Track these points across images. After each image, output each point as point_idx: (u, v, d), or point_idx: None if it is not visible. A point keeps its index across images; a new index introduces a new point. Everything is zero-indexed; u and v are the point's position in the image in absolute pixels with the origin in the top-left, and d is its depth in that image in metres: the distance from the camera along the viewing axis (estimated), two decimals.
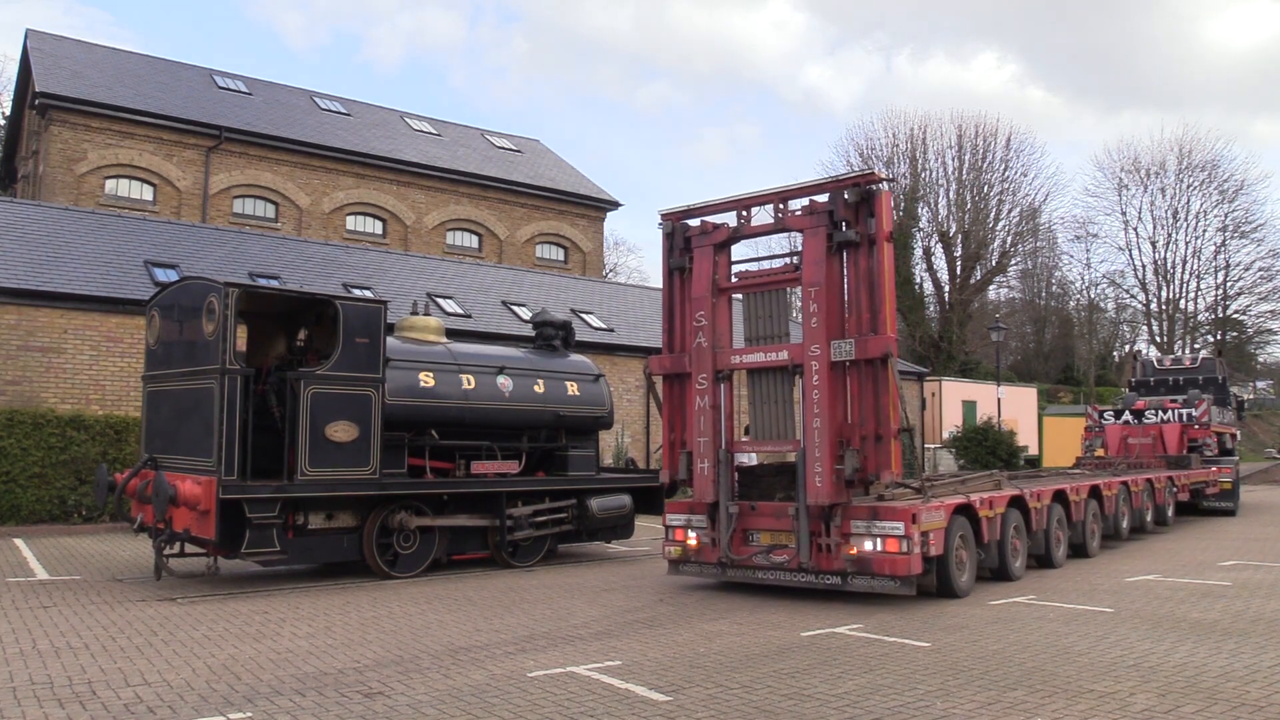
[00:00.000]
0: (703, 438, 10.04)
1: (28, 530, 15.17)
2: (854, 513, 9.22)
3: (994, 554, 10.75)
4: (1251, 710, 5.76)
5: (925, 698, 6.03)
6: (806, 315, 9.38)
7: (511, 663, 7.03)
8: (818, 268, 9.35)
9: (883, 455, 9.08)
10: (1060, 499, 12.53)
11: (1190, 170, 53.48)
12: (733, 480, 10.12)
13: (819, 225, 9.42)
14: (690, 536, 10.28)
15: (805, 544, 9.29)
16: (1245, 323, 55.34)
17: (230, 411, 9.99)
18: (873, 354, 9.09)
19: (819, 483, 9.07)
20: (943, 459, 30.33)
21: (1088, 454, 21.27)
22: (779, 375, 9.91)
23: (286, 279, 20.35)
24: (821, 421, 9.13)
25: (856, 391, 9.30)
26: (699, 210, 10.59)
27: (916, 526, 8.96)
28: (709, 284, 10.17)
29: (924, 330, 48.75)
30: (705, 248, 10.30)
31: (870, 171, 9.49)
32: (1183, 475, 18.48)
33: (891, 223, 9.33)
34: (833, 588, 9.34)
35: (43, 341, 16.78)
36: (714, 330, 10.17)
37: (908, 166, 49.97)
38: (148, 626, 8.31)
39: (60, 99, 25.44)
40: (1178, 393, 23.00)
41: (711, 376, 10.09)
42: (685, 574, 10.55)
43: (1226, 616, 8.84)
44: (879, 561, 9.02)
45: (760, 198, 10.16)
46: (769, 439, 10.01)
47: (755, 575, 9.88)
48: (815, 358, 9.27)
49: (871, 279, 9.25)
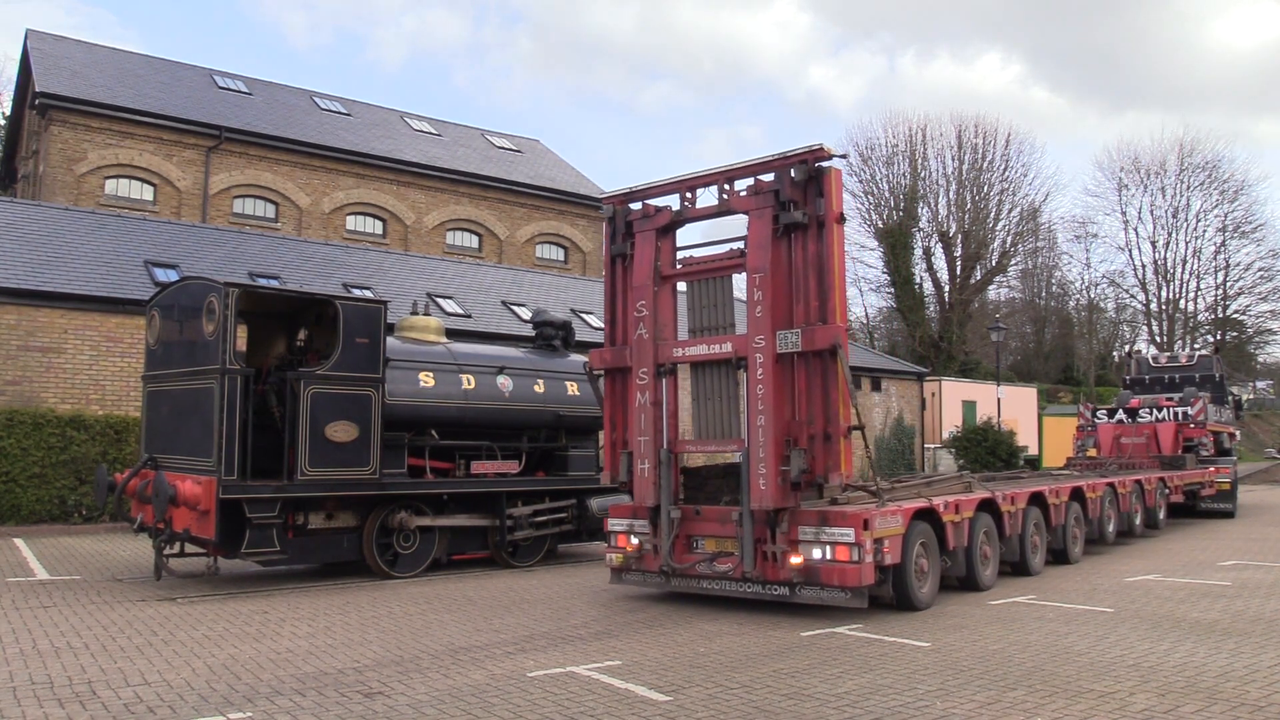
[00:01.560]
0: (643, 437, 9.34)
1: (28, 530, 15.17)
2: (802, 518, 8.54)
3: (961, 562, 10.09)
4: (1251, 710, 5.76)
5: (925, 698, 6.03)
6: (751, 304, 8.67)
7: (511, 663, 7.03)
8: (762, 252, 8.64)
9: (832, 456, 8.37)
10: (1038, 502, 11.87)
11: (1191, 170, 53.58)
12: (676, 482, 9.42)
13: (764, 206, 8.73)
14: (632, 543, 9.61)
15: (749, 552, 8.62)
16: (1245, 323, 55.38)
17: (230, 411, 9.99)
18: (820, 345, 8.37)
19: (763, 486, 8.38)
20: (943, 459, 30.33)
21: (1080, 454, 20.80)
22: (723, 369, 9.23)
23: (286, 279, 20.35)
24: (766, 419, 8.43)
25: (804, 386, 8.58)
26: (641, 193, 9.87)
27: (869, 533, 8.27)
28: (650, 271, 9.46)
29: (924, 330, 48.74)
30: (647, 232, 9.62)
31: (818, 146, 8.62)
32: (1175, 476, 17.86)
33: (841, 203, 8.65)
34: (780, 599, 8.71)
35: (43, 341, 16.78)
36: (655, 321, 9.45)
37: (908, 166, 50.00)
38: (148, 626, 8.31)
39: (60, 99, 25.44)
40: (1174, 391, 22.38)
41: (652, 371, 9.38)
42: (628, 583, 9.89)
43: (1226, 616, 8.84)
44: (827, 571, 8.31)
45: (704, 178, 9.47)
46: (713, 438, 9.33)
47: (700, 585, 9.25)
48: (760, 350, 8.56)
49: (821, 264, 8.55)
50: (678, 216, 9.59)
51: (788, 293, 8.74)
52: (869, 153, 50.79)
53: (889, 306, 52.93)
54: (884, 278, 51.08)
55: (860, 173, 51.09)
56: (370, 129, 33.39)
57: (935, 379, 36.77)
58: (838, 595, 8.37)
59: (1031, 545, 11.53)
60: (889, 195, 50.42)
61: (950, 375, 42.71)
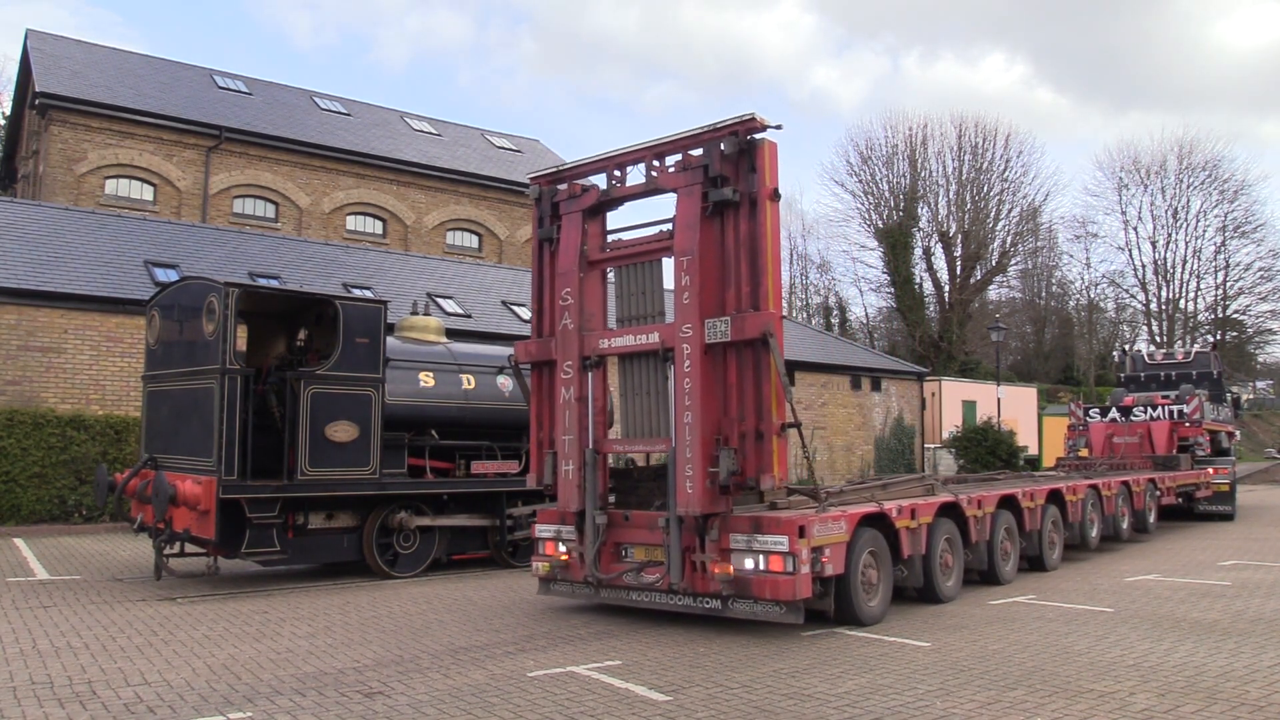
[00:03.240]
0: (567, 436, 8.61)
1: (28, 530, 15.17)
2: (734, 525, 7.81)
3: (918, 571, 9.30)
4: (1251, 710, 5.76)
5: (925, 698, 6.03)
6: (678, 290, 7.97)
7: (511, 663, 7.03)
8: (690, 233, 7.94)
9: (764, 456, 7.61)
10: (1009, 506, 11.11)
11: (1191, 170, 53.61)
12: (604, 485, 8.66)
13: (693, 183, 8.02)
14: (560, 550, 8.87)
15: (676, 561, 7.86)
16: (1245, 323, 55.39)
17: (230, 411, 9.99)
18: (751, 334, 7.63)
19: (690, 489, 7.65)
20: (943, 459, 30.34)
21: (1071, 454, 20.08)
22: (651, 361, 8.43)
23: (286, 279, 20.35)
24: (693, 415, 7.71)
25: (735, 380, 7.85)
26: (568, 172, 9.21)
27: (805, 541, 7.55)
28: (575, 256, 8.76)
29: (924, 330, 48.76)
30: (573, 214, 8.92)
31: (749, 116, 7.86)
32: (1167, 477, 16.99)
33: (776, 178, 7.92)
34: (712, 613, 8.03)
35: (43, 341, 16.78)
36: (580, 310, 8.74)
37: (908, 166, 50.02)
38: (148, 626, 8.31)
39: (60, 99, 25.43)
40: (1170, 388, 21.51)
41: (577, 364, 8.65)
42: (556, 594, 9.14)
43: (1226, 616, 8.84)
44: (759, 583, 7.57)
45: (633, 154, 8.71)
46: (641, 436, 8.52)
47: (629, 597, 8.54)
48: (686, 340, 7.83)
49: (753, 245, 7.83)
50: (605, 197, 8.88)
51: (718, 277, 8.02)
52: (869, 153, 50.89)
53: (889, 306, 52.99)
54: (884, 278, 51.17)
55: (860, 173, 51.21)
56: (370, 129, 33.39)
57: (935, 379, 36.77)
58: (771, 610, 7.68)
59: (1001, 552, 10.80)
60: (889, 195, 50.49)
61: (950, 375, 42.72)
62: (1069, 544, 12.77)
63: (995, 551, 10.65)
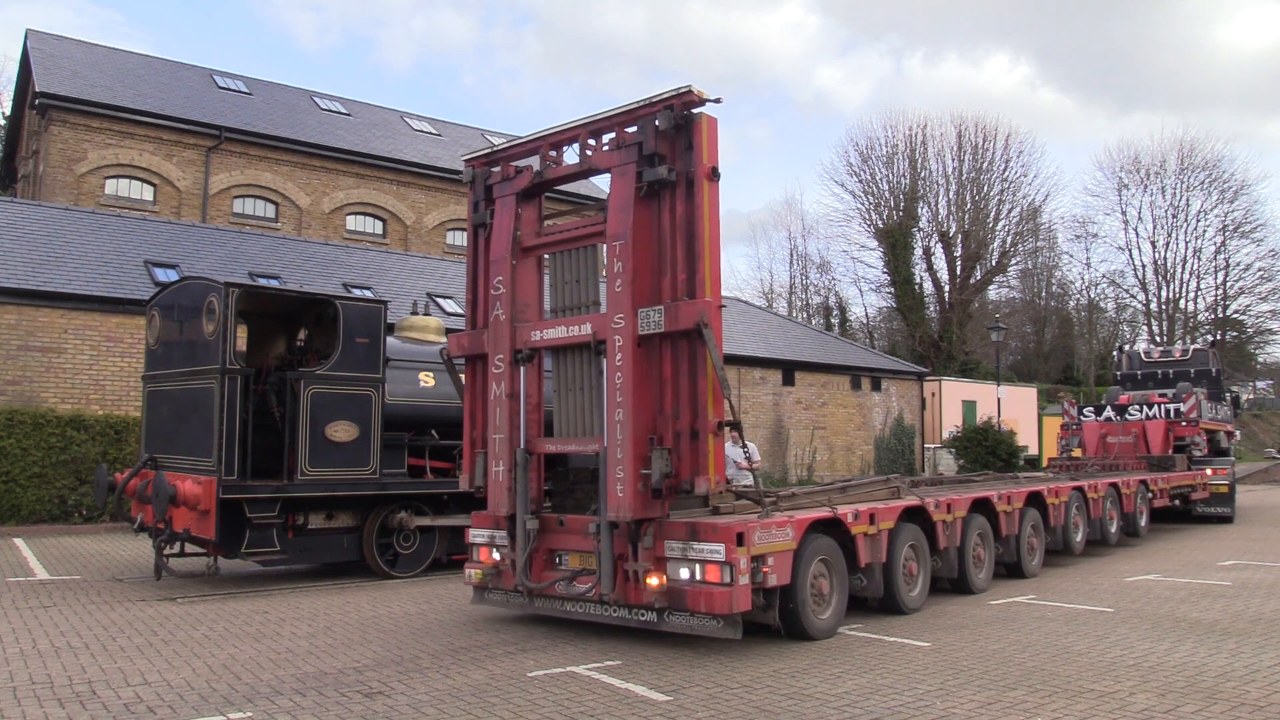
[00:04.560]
0: (498, 434, 8.07)
1: (28, 530, 15.17)
2: (669, 531, 7.26)
3: (878, 580, 8.71)
4: (1251, 710, 5.76)
5: (925, 698, 6.04)
6: (610, 277, 7.43)
7: (511, 662, 7.03)
8: (623, 216, 7.39)
9: (699, 457, 7.10)
10: (984, 510, 10.52)
11: (1191, 170, 53.59)
12: (538, 487, 8.13)
13: (627, 162, 7.49)
14: (494, 557, 8.37)
15: (608, 570, 7.32)
16: (1245, 323, 55.38)
17: (230, 411, 10.00)
18: (685, 324, 7.08)
19: (621, 493, 7.09)
20: (943, 459, 30.34)
21: (1063, 454, 19.52)
22: (585, 354, 7.84)
23: (286, 279, 20.35)
24: (625, 413, 7.14)
25: (671, 374, 7.31)
26: (502, 153, 8.65)
27: (744, 550, 7.00)
28: (508, 242, 8.22)
29: (924, 330, 48.78)
30: (506, 198, 8.38)
31: (685, 89, 7.32)
32: (1160, 478, 16.33)
33: (715, 156, 7.40)
34: (647, 626, 7.46)
35: (43, 341, 16.78)
36: (513, 300, 8.19)
37: (908, 166, 50.03)
38: (148, 626, 8.31)
39: (60, 99, 25.43)
40: (1168, 386, 20.84)
41: (509, 357, 8.08)
42: (490, 603, 8.62)
43: (1226, 616, 8.84)
44: (693, 595, 7.04)
45: (567, 132, 8.13)
46: (574, 435, 7.94)
47: (563, 607, 8.00)
48: (619, 331, 7.26)
49: (690, 228, 7.29)
50: (538, 179, 8.29)
51: (654, 263, 7.47)
52: (869, 152, 50.91)
53: (889, 306, 53.00)
54: (884, 278, 51.19)
55: (860, 173, 51.22)
56: (370, 129, 33.40)
57: (935, 379, 36.78)
58: (708, 623, 7.13)
59: (974, 559, 10.21)
60: (889, 195, 50.50)
61: (950, 375, 42.74)
62: (1051, 549, 12.21)
63: (967, 558, 10.05)
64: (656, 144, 7.36)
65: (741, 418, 10.62)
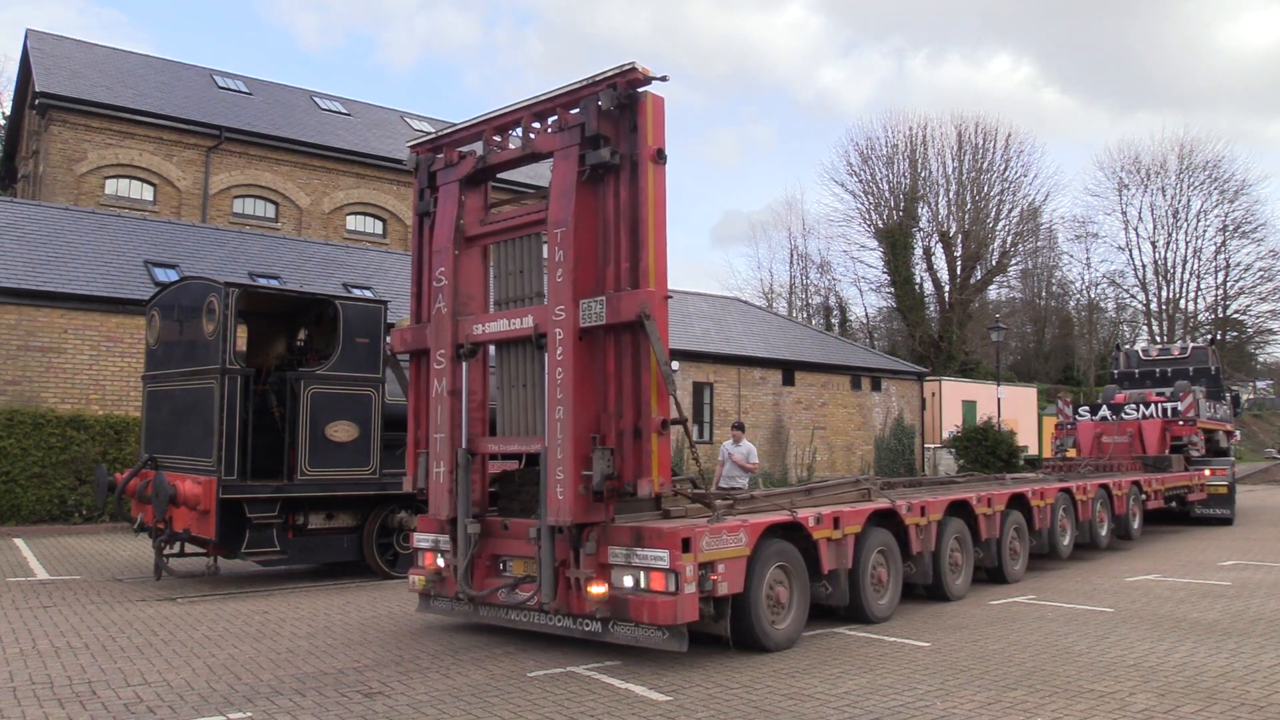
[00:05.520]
0: (439, 434, 7.72)
1: (28, 530, 15.17)
2: (614, 536, 6.88)
3: (844, 588, 8.22)
4: (1251, 710, 5.76)
5: (925, 698, 6.04)
6: (552, 266, 7.07)
7: (511, 662, 7.03)
8: (565, 201, 7.01)
9: (643, 457, 6.69)
10: (962, 512, 10.12)
11: (1191, 170, 53.57)
12: (482, 489, 7.80)
13: (570, 145, 7.10)
14: (438, 563, 8.00)
15: (548, 578, 6.97)
16: (1245, 323, 55.37)
17: (230, 411, 10.00)
18: (626, 316, 6.66)
19: (561, 495, 6.74)
20: (943, 459, 30.35)
21: (1058, 454, 19.21)
22: (527, 349, 7.47)
23: (286, 279, 20.35)
24: (565, 410, 6.78)
25: (614, 369, 6.90)
26: (446, 138, 8.26)
27: (691, 556, 6.63)
28: (451, 231, 7.86)
29: (924, 330, 48.79)
30: (450, 185, 8.04)
31: (630, 66, 6.88)
32: (1155, 479, 15.94)
33: (661, 137, 6.99)
34: (591, 637, 7.12)
35: (43, 341, 16.79)
36: (455, 292, 7.82)
37: (908, 166, 50.03)
38: (148, 626, 8.31)
39: (60, 99, 25.43)
40: (1165, 385, 20.44)
41: (450, 353, 7.72)
42: (435, 611, 8.26)
43: (1226, 616, 8.84)
44: (636, 604, 6.65)
45: (511, 114, 7.70)
46: (517, 434, 7.57)
47: (507, 616, 7.63)
48: (560, 323, 6.89)
49: (634, 214, 6.88)
50: (482, 164, 7.91)
51: (597, 252, 7.06)
52: (869, 153, 50.91)
53: (889, 306, 53.00)
54: (884, 278, 51.19)
55: (860, 173, 51.23)
56: (370, 129, 33.39)
57: (935, 379, 36.80)
58: (653, 635, 6.74)
59: (950, 564, 9.79)
60: (889, 195, 50.51)
61: (950, 375, 42.75)
62: (1037, 553, 11.84)
63: (942, 563, 9.63)
64: (599, 125, 6.95)
65: (742, 418, 10.56)
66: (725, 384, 26.34)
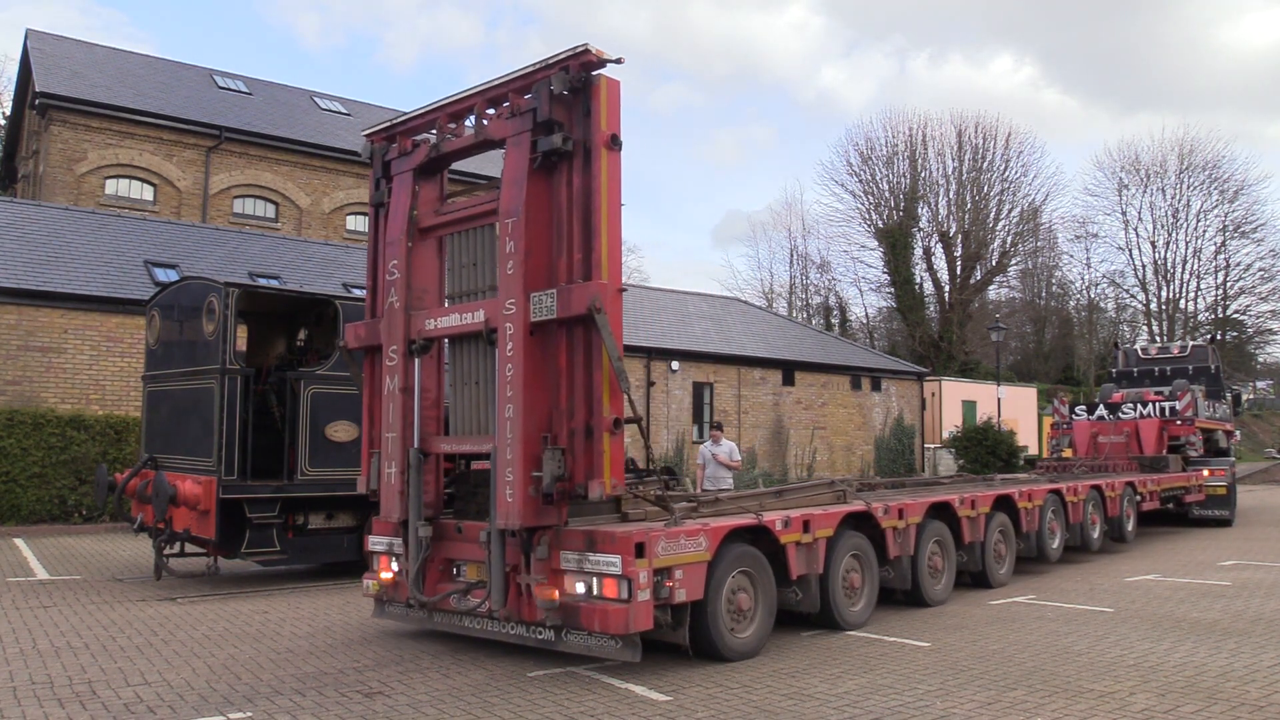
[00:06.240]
0: (390, 433, 7.43)
1: (28, 530, 15.18)
2: (567, 540, 6.62)
3: (814, 594, 7.90)
4: (1251, 710, 5.76)
5: (925, 698, 6.04)
6: (502, 258, 6.76)
7: (511, 662, 7.03)
8: (516, 190, 6.72)
9: (594, 457, 6.43)
10: (943, 515, 9.78)
11: (1191, 170, 53.59)
12: (436, 491, 7.50)
13: (521, 131, 6.81)
14: (393, 567, 7.72)
15: (498, 583, 6.70)
16: (1245, 323, 55.40)
17: (230, 411, 10.00)
18: (577, 309, 6.38)
19: (510, 497, 6.45)
20: (943, 459, 30.36)
21: (1053, 454, 18.86)
22: (479, 344, 7.18)
23: (286, 279, 20.35)
24: (515, 409, 6.47)
25: (566, 366, 6.62)
26: (402, 126, 7.97)
27: (645, 562, 6.34)
28: (405, 222, 7.61)
29: (924, 330, 48.80)
30: (403, 174, 7.79)
31: (583, 48, 6.62)
32: (1150, 480, 15.55)
33: (616, 123, 6.72)
34: (545, 645, 6.82)
35: (43, 341, 16.79)
36: (408, 285, 7.53)
37: (908, 166, 50.04)
38: (148, 626, 8.31)
39: (60, 99, 25.44)
40: (1164, 384, 20.10)
41: (402, 348, 7.43)
42: (390, 617, 7.97)
43: (1226, 616, 8.84)
44: (587, 612, 6.36)
45: (465, 100, 7.42)
46: (471, 433, 7.29)
47: (461, 623, 7.34)
48: (510, 318, 6.61)
49: (587, 203, 6.63)
50: (435, 152, 7.63)
51: (549, 243, 6.79)
52: (869, 153, 50.92)
53: (889, 306, 53.02)
54: (884, 278, 51.21)
55: (860, 173, 51.24)
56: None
57: (935, 379, 36.80)
58: (606, 644, 6.48)
59: (930, 569, 9.44)
60: (889, 195, 50.53)
61: (950, 375, 42.75)
62: (1025, 557, 11.56)
63: (921, 568, 9.28)
64: (551, 110, 6.67)
65: (742, 417, 10.44)
66: (725, 384, 26.35)
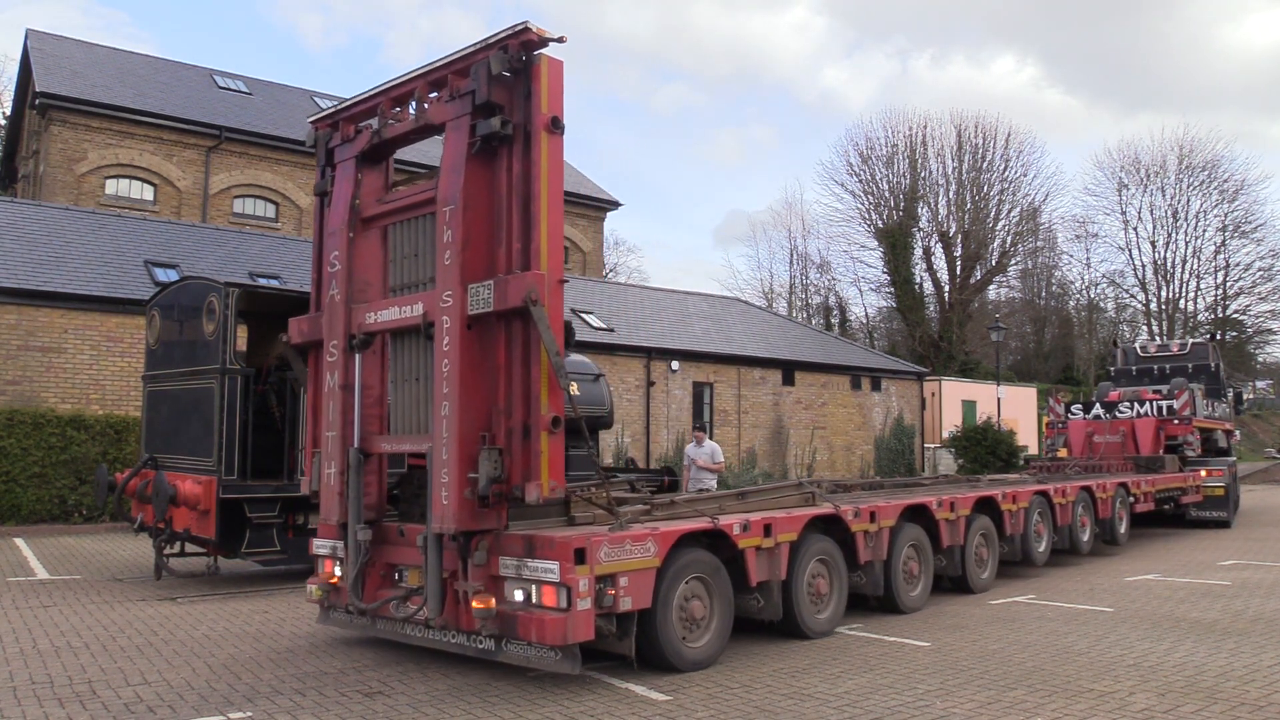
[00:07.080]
0: (330, 432, 7.11)
1: (28, 530, 15.18)
2: (506, 546, 6.31)
3: (776, 601, 7.51)
4: (1251, 710, 5.76)
5: (925, 697, 6.04)
6: (440, 248, 6.45)
7: None
8: (454, 177, 6.44)
9: (531, 458, 6.13)
10: (920, 518, 9.39)
11: (1190, 170, 53.59)
12: (379, 492, 7.15)
13: (461, 115, 6.53)
14: (337, 570, 7.38)
15: (435, 590, 6.36)
16: (1245, 322, 55.40)
17: (230, 411, 10.00)
18: (514, 302, 6.06)
19: (445, 500, 6.14)
20: (943, 459, 30.35)
21: (1048, 455, 18.60)
22: (418, 339, 6.80)
23: (286, 279, 20.35)
24: (451, 406, 6.15)
25: (504, 361, 6.33)
26: (345, 112, 7.63)
27: (586, 569, 6.02)
28: (346, 211, 7.25)
29: (924, 330, 48.80)
30: (346, 162, 7.44)
31: (523, 26, 6.34)
32: (1144, 480, 15.13)
33: (559, 105, 6.39)
34: (485, 655, 6.48)
35: (43, 341, 16.79)
36: (349, 278, 7.17)
37: (908, 166, 50.04)
38: (148, 626, 8.31)
39: (60, 99, 25.45)
40: (1163, 382, 19.72)
41: (343, 344, 7.09)
42: (334, 623, 7.66)
43: (1226, 616, 8.84)
44: (524, 622, 6.04)
45: (407, 84, 7.13)
46: (410, 432, 6.91)
47: (402, 631, 7.00)
48: (447, 310, 6.29)
49: (526, 190, 6.32)
50: (377, 139, 7.31)
51: (489, 232, 6.49)
52: (869, 152, 50.92)
53: (889, 306, 53.02)
54: (884, 278, 51.21)
55: (860, 173, 51.24)
56: None
57: (935, 379, 36.80)
58: (545, 655, 6.13)
59: (905, 574, 9.07)
60: (889, 195, 50.53)
61: (950, 375, 42.75)
62: (1009, 560, 11.24)
63: (895, 574, 8.88)
64: (490, 92, 6.35)
65: (742, 417, 10.39)
66: (725, 384, 26.35)
